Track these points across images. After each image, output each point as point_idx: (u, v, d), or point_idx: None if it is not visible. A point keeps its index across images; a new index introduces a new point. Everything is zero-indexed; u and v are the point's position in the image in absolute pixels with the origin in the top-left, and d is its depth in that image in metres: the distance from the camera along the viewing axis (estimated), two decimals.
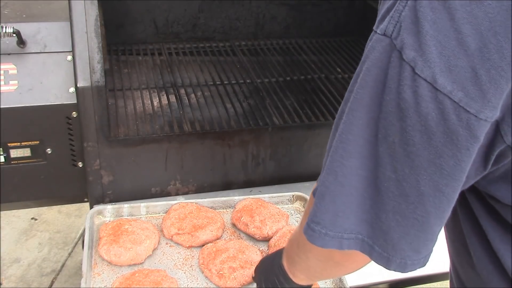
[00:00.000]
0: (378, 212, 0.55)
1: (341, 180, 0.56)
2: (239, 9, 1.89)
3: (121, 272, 1.10)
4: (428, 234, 0.55)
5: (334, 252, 0.61)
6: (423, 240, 0.55)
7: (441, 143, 0.48)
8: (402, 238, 0.55)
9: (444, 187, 0.51)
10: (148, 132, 1.39)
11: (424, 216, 0.53)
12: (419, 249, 0.56)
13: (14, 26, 1.15)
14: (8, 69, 1.20)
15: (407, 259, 0.56)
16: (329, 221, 0.57)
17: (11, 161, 1.27)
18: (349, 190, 0.56)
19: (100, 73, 1.21)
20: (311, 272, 0.78)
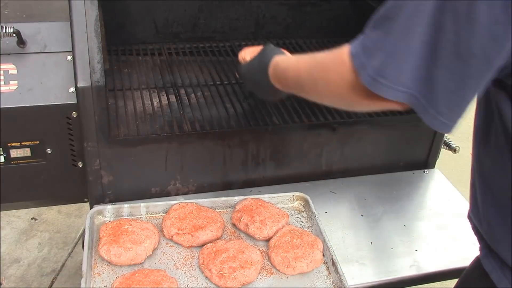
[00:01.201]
0: (432, 69, 0.69)
1: (404, 43, 0.69)
2: (239, 9, 1.89)
3: (121, 272, 1.10)
4: (464, 94, 0.70)
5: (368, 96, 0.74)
6: (458, 99, 0.70)
7: (499, 12, 0.63)
8: (445, 93, 0.69)
9: (490, 51, 0.66)
10: (148, 132, 1.39)
11: (467, 74, 0.68)
12: (453, 108, 0.71)
13: (14, 26, 1.15)
14: (8, 69, 1.20)
15: (440, 115, 0.71)
16: (394, 77, 0.70)
17: (11, 161, 1.27)
18: (410, 53, 0.69)
19: (100, 73, 1.21)
20: (305, 90, 0.93)
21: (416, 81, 0.70)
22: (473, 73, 0.68)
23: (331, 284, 1.13)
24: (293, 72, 0.97)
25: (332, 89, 0.81)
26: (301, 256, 1.14)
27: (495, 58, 0.67)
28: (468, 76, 0.68)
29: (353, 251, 1.30)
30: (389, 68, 0.71)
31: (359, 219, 1.42)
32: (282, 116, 1.49)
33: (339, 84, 0.79)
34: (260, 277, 1.13)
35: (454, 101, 0.70)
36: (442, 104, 0.70)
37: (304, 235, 1.20)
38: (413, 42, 0.69)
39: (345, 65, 0.77)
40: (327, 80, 0.82)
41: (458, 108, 0.71)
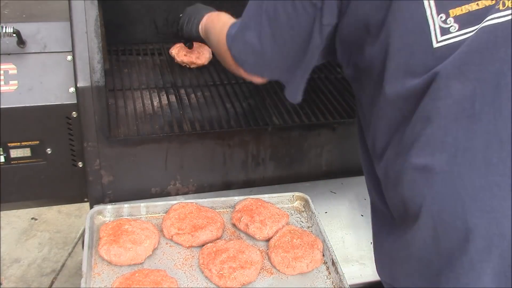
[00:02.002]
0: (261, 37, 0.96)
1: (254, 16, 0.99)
2: (239, 9, 1.88)
3: (121, 272, 1.10)
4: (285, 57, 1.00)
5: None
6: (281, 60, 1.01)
7: None
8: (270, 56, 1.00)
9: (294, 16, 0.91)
10: (148, 132, 1.39)
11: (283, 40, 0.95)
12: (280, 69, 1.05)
13: (14, 26, 1.15)
14: (8, 69, 1.20)
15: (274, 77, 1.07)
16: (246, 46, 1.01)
17: (11, 161, 1.27)
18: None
19: (100, 73, 1.21)
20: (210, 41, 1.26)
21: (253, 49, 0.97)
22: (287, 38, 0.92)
23: (331, 284, 1.13)
24: (211, 24, 1.27)
25: (220, 47, 1.09)
26: (301, 256, 1.14)
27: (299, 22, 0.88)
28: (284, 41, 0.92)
29: (353, 251, 1.30)
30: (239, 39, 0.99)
31: (359, 219, 1.42)
32: (282, 116, 1.49)
33: (221, 42, 1.07)
34: (260, 277, 1.13)
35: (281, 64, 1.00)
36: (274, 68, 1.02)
37: (304, 235, 1.20)
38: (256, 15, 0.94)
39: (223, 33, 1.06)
40: (217, 41, 1.11)
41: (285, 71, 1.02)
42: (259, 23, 0.94)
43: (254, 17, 0.96)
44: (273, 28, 0.92)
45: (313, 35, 0.90)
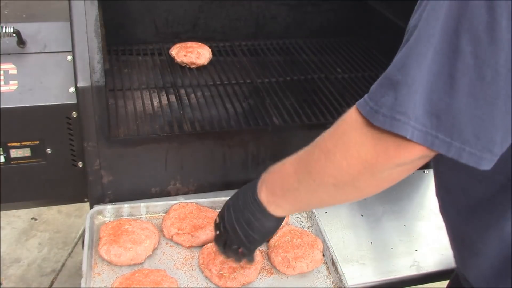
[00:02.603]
0: (450, 100, 0.62)
1: (417, 70, 0.63)
2: (239, 9, 1.89)
3: (121, 272, 1.10)
4: (493, 119, 0.62)
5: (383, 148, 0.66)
6: (486, 125, 0.62)
7: None
8: (469, 121, 0.62)
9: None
10: (148, 132, 1.39)
11: (493, 96, 0.61)
12: (479, 135, 0.63)
13: (14, 26, 1.15)
14: (8, 69, 1.20)
15: (467, 145, 0.63)
16: (411, 111, 0.63)
17: (11, 161, 1.27)
18: (422, 82, 0.63)
19: (100, 73, 1.21)
20: (307, 199, 0.82)
21: (431, 115, 0.63)
22: (501, 93, 0.61)
23: (331, 284, 1.13)
24: (291, 162, 0.85)
25: (350, 155, 0.70)
26: (301, 256, 1.14)
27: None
28: (495, 97, 0.61)
29: (353, 251, 1.30)
30: (404, 99, 0.63)
31: (359, 219, 1.42)
32: (282, 116, 1.49)
33: (355, 146, 0.69)
34: (260, 277, 1.13)
35: (482, 127, 0.63)
36: (467, 132, 0.63)
37: (304, 235, 1.20)
38: (425, 71, 0.63)
39: (358, 121, 0.69)
40: (345, 144, 0.71)
41: (489, 135, 0.63)
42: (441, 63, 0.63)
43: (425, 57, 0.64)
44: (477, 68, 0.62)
45: None
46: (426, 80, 0.63)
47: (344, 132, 0.72)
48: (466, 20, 0.60)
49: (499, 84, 0.61)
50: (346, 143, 0.71)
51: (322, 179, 0.76)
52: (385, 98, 0.65)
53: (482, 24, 0.59)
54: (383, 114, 0.64)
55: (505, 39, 0.59)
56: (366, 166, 0.69)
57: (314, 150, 0.78)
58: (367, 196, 0.76)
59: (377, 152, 0.67)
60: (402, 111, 0.63)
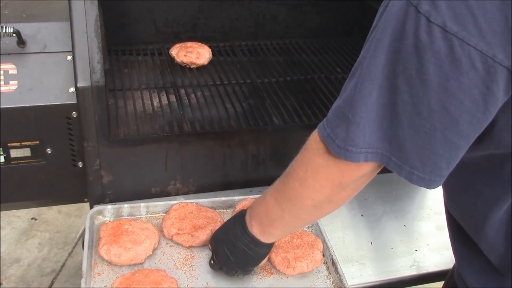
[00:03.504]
0: (395, 129, 0.71)
1: (363, 109, 0.72)
2: (239, 9, 1.89)
3: (121, 272, 1.10)
4: (435, 149, 0.70)
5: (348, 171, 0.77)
6: (428, 153, 0.71)
7: (449, 69, 0.65)
8: (413, 149, 0.71)
9: (448, 105, 0.66)
10: (148, 132, 1.39)
11: (431, 129, 0.69)
12: (425, 162, 0.71)
13: (14, 26, 1.15)
14: (8, 69, 1.20)
15: (415, 170, 0.72)
16: (361, 142, 0.73)
17: (11, 161, 1.27)
18: (370, 116, 0.72)
19: (100, 73, 1.21)
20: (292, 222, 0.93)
21: (383, 140, 0.73)
22: (438, 127, 0.68)
23: (331, 284, 1.13)
24: (270, 195, 0.94)
25: (321, 178, 0.81)
26: (301, 256, 1.14)
27: (456, 110, 0.67)
28: (433, 130, 0.69)
29: (353, 251, 1.30)
30: (354, 134, 0.73)
31: (359, 219, 1.42)
32: (282, 116, 1.49)
33: (323, 169, 0.80)
34: (260, 277, 1.13)
35: (426, 155, 0.71)
36: (414, 159, 0.71)
37: (304, 235, 1.20)
38: (372, 105, 0.71)
39: (319, 148, 0.80)
40: (314, 169, 0.82)
41: (433, 162, 0.71)
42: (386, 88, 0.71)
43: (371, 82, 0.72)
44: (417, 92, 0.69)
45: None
46: (375, 111, 0.72)
47: (310, 159, 0.83)
48: (401, 64, 0.68)
49: (434, 119, 0.68)
50: (315, 168, 0.82)
51: (302, 203, 0.86)
52: (339, 129, 0.75)
53: (413, 68, 0.67)
54: (337, 145, 0.75)
55: (433, 81, 0.66)
56: (335, 184, 0.80)
57: (289, 180, 0.88)
58: (342, 205, 0.88)
59: (341, 170, 0.78)
60: (353, 144, 0.74)
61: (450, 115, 0.67)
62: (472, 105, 0.66)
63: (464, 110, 0.67)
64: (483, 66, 0.64)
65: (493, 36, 0.63)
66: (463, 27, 0.63)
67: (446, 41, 0.64)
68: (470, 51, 0.63)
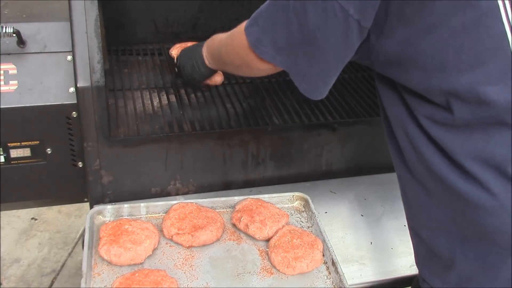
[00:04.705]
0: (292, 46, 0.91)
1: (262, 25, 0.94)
2: (239, 9, 1.89)
3: (121, 272, 1.10)
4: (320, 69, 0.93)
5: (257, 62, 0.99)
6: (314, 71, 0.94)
7: (322, 14, 0.84)
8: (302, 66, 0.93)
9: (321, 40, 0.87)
10: (148, 132, 1.39)
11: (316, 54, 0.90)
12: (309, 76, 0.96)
13: (14, 26, 1.15)
14: (8, 69, 1.20)
15: (304, 82, 0.98)
16: (269, 45, 0.94)
17: (11, 161, 1.27)
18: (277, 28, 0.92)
19: (100, 73, 1.21)
20: (224, 63, 1.19)
21: (283, 53, 0.93)
22: (316, 53, 0.89)
23: (331, 284, 1.13)
24: (217, 42, 1.22)
25: (237, 51, 1.05)
26: (301, 256, 1.14)
27: (326, 47, 0.87)
28: (313, 57, 0.90)
29: (353, 251, 1.30)
30: (264, 38, 0.93)
31: (359, 219, 1.42)
32: (282, 116, 1.49)
33: (239, 46, 1.02)
34: (260, 277, 1.13)
35: (309, 73, 0.93)
36: (303, 74, 0.94)
37: (304, 235, 1.20)
38: (279, 21, 0.90)
39: (242, 34, 0.99)
40: (232, 44, 1.08)
41: (314, 79, 0.94)
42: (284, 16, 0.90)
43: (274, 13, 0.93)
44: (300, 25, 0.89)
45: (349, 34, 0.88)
46: (280, 28, 0.91)
47: (234, 36, 1.06)
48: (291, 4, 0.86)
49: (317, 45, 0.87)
50: (233, 45, 1.07)
51: (227, 57, 1.15)
52: (255, 30, 0.95)
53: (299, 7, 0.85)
54: (252, 42, 0.96)
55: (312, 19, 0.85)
56: (244, 62, 1.04)
57: (225, 38, 1.14)
58: (256, 76, 1.36)
59: (249, 57, 1.00)
60: (264, 44, 0.94)
61: (321, 47, 0.88)
62: (335, 43, 0.87)
63: (330, 46, 0.87)
64: (342, 17, 0.83)
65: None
66: None
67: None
68: (334, 4, 0.82)
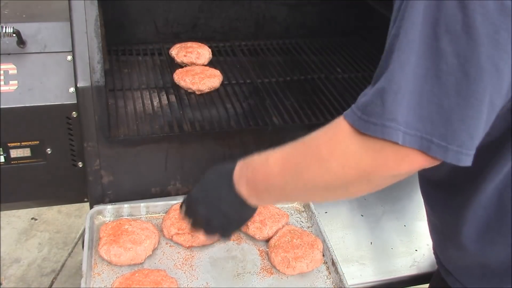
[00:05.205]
0: (440, 100, 0.63)
1: (401, 76, 0.64)
2: (239, 9, 1.89)
3: (121, 272, 1.10)
4: (481, 115, 0.64)
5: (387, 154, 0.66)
6: (477, 123, 0.64)
7: (497, 19, 0.60)
8: (461, 121, 0.63)
9: (499, 61, 0.62)
10: (148, 132, 1.39)
11: (481, 93, 0.63)
12: (473, 134, 0.64)
13: (14, 26, 1.15)
14: (8, 69, 1.20)
15: (463, 146, 0.64)
16: (400, 116, 0.64)
17: (11, 161, 1.27)
18: (408, 87, 0.64)
19: (100, 73, 1.21)
20: (292, 195, 0.85)
21: (423, 119, 0.64)
22: (487, 87, 0.62)
23: (331, 284, 1.13)
24: (275, 161, 0.82)
25: (355, 162, 0.69)
26: (301, 256, 1.14)
27: (505, 67, 0.63)
28: (482, 94, 0.63)
29: (353, 251, 1.30)
30: (392, 106, 0.64)
31: (359, 219, 1.42)
32: (282, 116, 1.49)
33: (354, 157, 0.69)
34: (260, 277, 1.13)
35: (474, 126, 0.64)
36: (462, 134, 0.64)
37: (304, 235, 1.20)
38: (410, 75, 0.64)
39: (344, 130, 0.69)
40: (344, 154, 0.71)
41: (478, 132, 0.65)
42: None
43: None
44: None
45: None
46: (413, 84, 0.64)
47: (339, 141, 0.71)
48: (443, 22, 0.62)
49: (485, 80, 0.62)
50: (345, 153, 0.70)
51: (314, 183, 0.76)
52: (372, 106, 0.65)
53: (458, 23, 0.62)
54: (373, 122, 0.65)
55: (482, 33, 0.61)
56: (363, 175, 0.69)
57: (306, 155, 0.77)
58: (355, 196, 0.78)
59: (377, 163, 0.68)
60: (391, 117, 0.64)
61: (499, 73, 0.62)
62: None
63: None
64: None
65: None
66: None
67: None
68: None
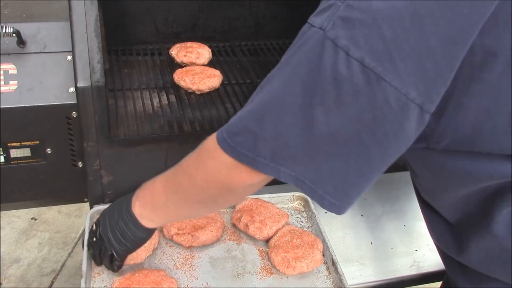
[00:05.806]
0: (313, 155, 0.71)
1: (273, 131, 0.71)
2: (239, 9, 1.89)
3: (121, 272, 1.10)
4: (346, 175, 0.72)
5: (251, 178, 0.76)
6: (341, 180, 0.72)
7: (365, 102, 0.66)
8: (328, 174, 0.71)
9: (363, 134, 0.68)
10: (148, 132, 1.39)
11: (347, 156, 0.70)
12: (337, 187, 0.73)
13: (14, 26, 1.15)
14: (8, 69, 1.20)
15: (327, 194, 0.73)
16: (269, 156, 0.72)
17: (11, 161, 1.27)
18: (281, 140, 0.71)
19: (100, 73, 1.21)
20: (175, 213, 0.95)
21: (298, 165, 0.72)
22: (352, 155, 0.69)
23: (331, 284, 1.13)
24: (160, 180, 0.95)
25: (214, 176, 0.79)
26: (301, 256, 1.14)
27: (371, 143, 0.68)
28: (348, 157, 0.70)
29: (353, 251, 1.30)
30: (262, 148, 0.72)
31: (359, 219, 1.42)
32: None
33: (213, 172, 0.79)
34: (260, 277, 1.13)
35: (339, 181, 0.72)
36: (328, 184, 0.72)
37: (304, 235, 1.20)
38: (284, 131, 0.70)
39: (215, 151, 0.77)
40: (205, 170, 0.81)
41: (343, 189, 0.73)
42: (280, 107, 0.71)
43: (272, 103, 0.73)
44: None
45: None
46: (287, 137, 0.70)
47: (203, 159, 0.82)
48: (318, 95, 0.68)
49: (350, 147, 0.69)
50: (206, 169, 0.81)
51: (187, 198, 0.87)
52: (244, 141, 0.73)
53: (332, 98, 0.67)
54: (244, 154, 0.73)
55: (351, 112, 0.67)
56: (225, 187, 0.79)
57: (179, 173, 0.89)
58: (227, 207, 0.90)
59: (232, 177, 0.77)
60: (261, 155, 0.72)
61: (364, 144, 0.69)
62: (384, 139, 0.68)
63: (376, 142, 0.68)
64: (397, 102, 0.65)
65: (407, 74, 0.64)
66: (379, 63, 0.64)
67: (364, 75, 0.65)
68: (386, 87, 0.65)
